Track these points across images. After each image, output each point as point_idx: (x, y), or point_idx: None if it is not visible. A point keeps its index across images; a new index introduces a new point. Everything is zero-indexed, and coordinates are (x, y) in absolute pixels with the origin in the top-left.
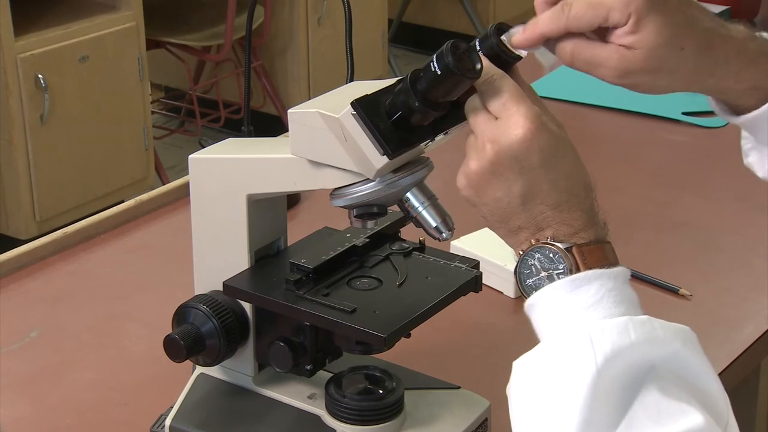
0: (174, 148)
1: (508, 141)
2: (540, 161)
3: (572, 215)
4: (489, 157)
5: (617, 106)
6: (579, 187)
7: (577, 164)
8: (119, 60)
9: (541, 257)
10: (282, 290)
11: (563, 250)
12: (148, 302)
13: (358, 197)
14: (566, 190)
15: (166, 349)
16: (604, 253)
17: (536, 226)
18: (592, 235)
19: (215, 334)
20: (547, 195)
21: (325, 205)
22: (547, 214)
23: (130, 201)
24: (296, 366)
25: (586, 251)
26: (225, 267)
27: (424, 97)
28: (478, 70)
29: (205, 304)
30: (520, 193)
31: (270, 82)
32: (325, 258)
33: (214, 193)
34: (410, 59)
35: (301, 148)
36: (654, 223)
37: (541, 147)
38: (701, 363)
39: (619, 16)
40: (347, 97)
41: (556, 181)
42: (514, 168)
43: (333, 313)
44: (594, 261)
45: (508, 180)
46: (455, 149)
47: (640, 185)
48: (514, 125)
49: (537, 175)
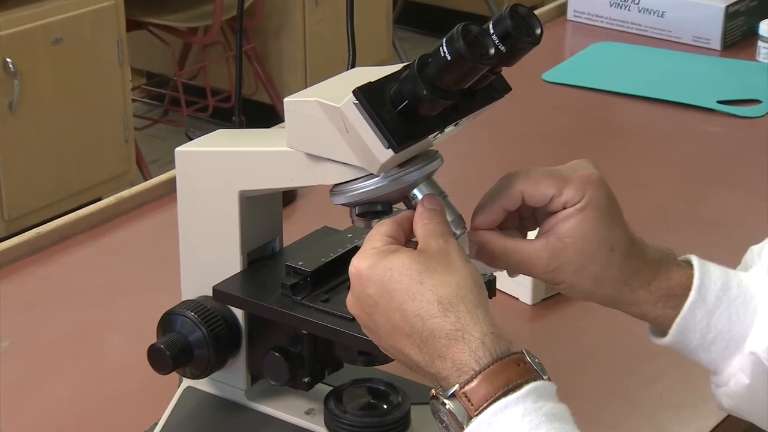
0: (157, 140)
1: (352, 284)
2: (377, 293)
3: (440, 344)
4: (351, 311)
5: (645, 94)
6: (431, 305)
7: (427, 278)
8: (96, 42)
9: (441, 409)
10: (277, 295)
11: (446, 401)
12: (131, 309)
13: (361, 194)
14: (416, 314)
15: (150, 359)
16: (496, 379)
17: (419, 366)
18: (475, 362)
19: (204, 343)
20: (403, 327)
21: (325, 202)
22: (413, 350)
23: (109, 198)
24: (293, 378)
25: (470, 392)
26: (215, 270)
27: (432, 85)
28: (492, 56)
29: (192, 311)
30: (384, 333)
31: (263, 68)
32: (324, 260)
33: (202, 190)
34: (417, 42)
35: (299, 140)
36: (685, 221)
37: (375, 279)
38: None
39: (573, 193)
40: (349, 85)
41: (401, 308)
42: (363, 309)
43: (333, 320)
44: (482, 397)
45: (367, 325)
46: (467, 141)
47: (669, 180)
48: (350, 269)
49: (382, 309)
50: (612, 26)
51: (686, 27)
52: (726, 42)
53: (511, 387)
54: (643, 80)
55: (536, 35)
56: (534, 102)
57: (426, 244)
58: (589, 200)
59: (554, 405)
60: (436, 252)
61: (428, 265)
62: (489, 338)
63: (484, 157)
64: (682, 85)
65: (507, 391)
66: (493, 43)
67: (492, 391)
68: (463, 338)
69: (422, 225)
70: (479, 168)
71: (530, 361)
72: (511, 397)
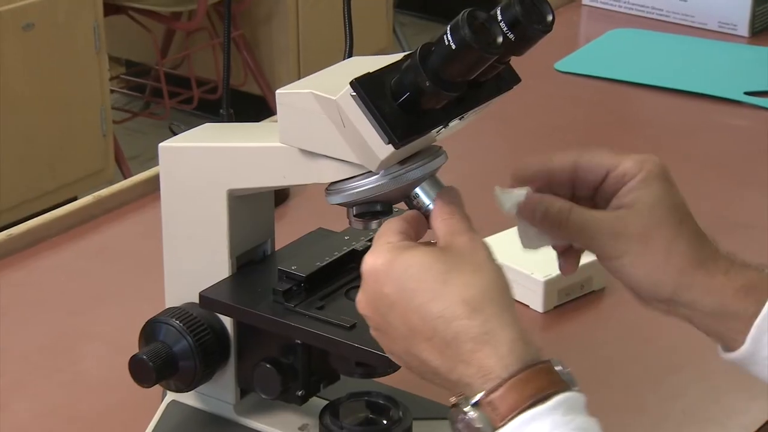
0: (137, 135)
1: (365, 283)
2: (395, 292)
3: (465, 348)
4: (361, 311)
5: (666, 84)
6: (457, 306)
7: (452, 278)
8: (71, 28)
9: (462, 419)
10: (269, 302)
11: (468, 410)
12: (110, 317)
13: (359, 193)
14: (439, 315)
15: (132, 372)
16: (525, 388)
17: (437, 373)
18: (502, 369)
19: (190, 354)
20: (423, 329)
21: (320, 202)
22: (432, 355)
23: (86, 197)
24: (285, 392)
25: (497, 401)
26: (201, 275)
27: (436, 76)
28: (500, 45)
29: (177, 319)
30: (399, 336)
31: (252, 56)
32: (319, 264)
33: (188, 188)
34: (420, 29)
35: (292, 135)
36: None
37: (393, 276)
38: None
39: (631, 165)
40: (346, 76)
41: (422, 309)
42: (376, 310)
43: (329, 329)
44: (509, 407)
45: (379, 327)
46: (473, 137)
47: (692, 179)
48: (363, 267)
49: (399, 309)
50: (630, 11)
51: (711, 12)
52: (754, 28)
53: (540, 397)
54: (664, 70)
55: (548, 22)
56: (546, 93)
57: (449, 241)
58: (649, 172)
59: (585, 419)
60: (461, 250)
61: (453, 264)
62: (518, 344)
63: (491, 153)
64: (707, 74)
65: (535, 402)
66: (501, 30)
67: (520, 400)
68: (490, 342)
69: (443, 221)
70: (486, 165)
71: (560, 371)
72: (540, 409)
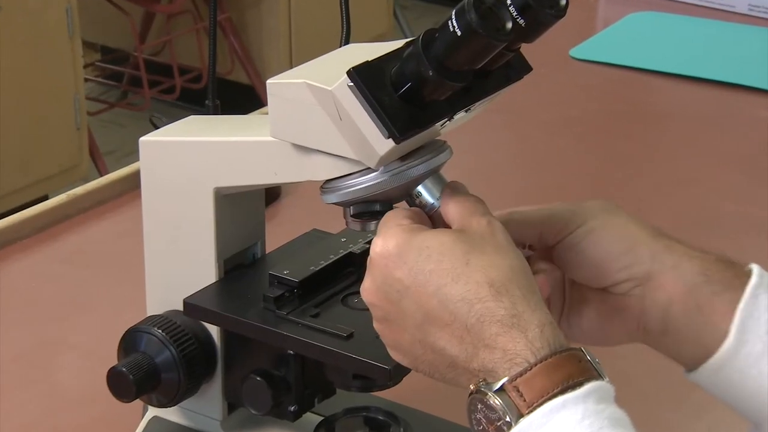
0: (114, 127)
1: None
2: (409, 275)
3: (489, 332)
4: (368, 299)
5: (691, 73)
6: (481, 287)
7: (475, 259)
8: (42, 12)
9: (482, 407)
10: (259, 310)
11: (495, 393)
12: (86, 326)
13: (357, 191)
14: (461, 298)
15: (111, 385)
16: (555, 374)
17: (455, 363)
18: (531, 353)
19: (173, 365)
20: (442, 314)
21: (314, 201)
22: (451, 342)
23: (60, 196)
24: (277, 407)
25: (522, 385)
26: (186, 280)
27: (440, 65)
28: (509, 31)
29: (160, 328)
30: (412, 324)
31: (240, 42)
32: (313, 269)
33: (171, 186)
34: (422, 12)
35: (284, 129)
36: (735, 224)
37: (408, 259)
38: None
39: None
40: (342, 64)
41: (441, 292)
42: (386, 296)
43: (324, 338)
44: (537, 392)
45: (389, 317)
46: (480, 130)
47: (717, 175)
48: (372, 251)
49: (414, 294)
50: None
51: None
52: None
53: (571, 384)
54: (688, 57)
55: (560, 6)
56: (559, 83)
57: (466, 223)
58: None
59: (615, 410)
60: (480, 231)
61: (474, 245)
62: (548, 328)
63: (500, 148)
64: (734, 62)
65: (566, 388)
66: (511, 15)
67: (549, 385)
68: (518, 325)
69: (458, 203)
70: (494, 161)
71: (590, 359)
72: (570, 396)
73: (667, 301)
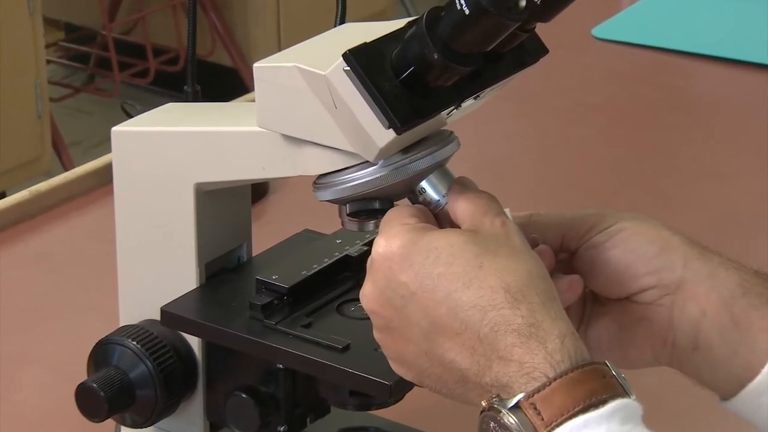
0: (81, 115)
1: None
2: (416, 279)
3: (504, 342)
4: (368, 306)
5: (728, 55)
6: (495, 293)
7: (489, 262)
8: None
9: (495, 426)
10: (245, 319)
11: (509, 410)
12: (52, 337)
13: (354, 188)
14: (473, 305)
15: (80, 403)
16: (576, 390)
17: (465, 377)
18: (550, 367)
19: (149, 381)
20: (451, 322)
21: (306, 198)
22: (461, 354)
23: (21, 192)
24: (265, 427)
25: (540, 402)
26: (163, 286)
27: (446, 47)
28: (522, 9)
29: (134, 340)
30: (418, 334)
31: (222, 20)
32: (305, 273)
33: (147, 182)
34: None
35: (272, 118)
36: None
37: (414, 261)
38: None
39: None
40: (338, 46)
41: (451, 298)
42: (390, 303)
43: (317, 351)
44: (557, 410)
45: (392, 325)
46: (491, 119)
47: (757, 170)
48: (373, 253)
49: (421, 300)
50: None
51: None
52: None
53: (593, 402)
54: (725, 37)
55: None
56: (580, 66)
57: (478, 223)
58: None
59: (643, 431)
60: (494, 232)
61: (487, 247)
62: (569, 340)
63: (512, 139)
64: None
65: (588, 406)
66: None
67: (570, 403)
68: (537, 336)
69: (468, 200)
70: (506, 154)
71: (615, 375)
72: (593, 414)
73: (699, 314)
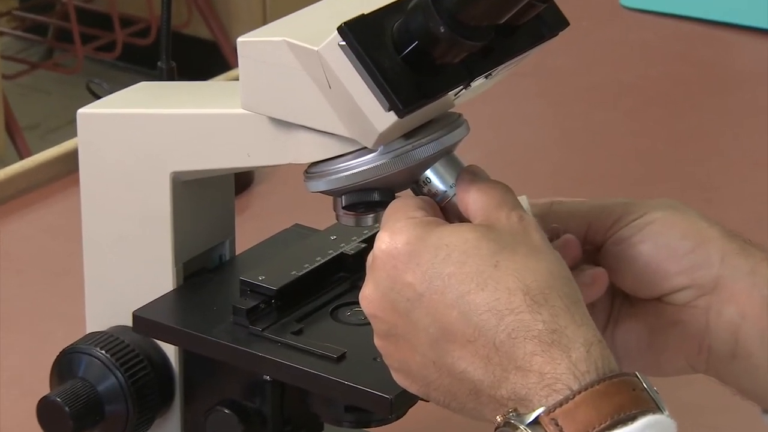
0: (38, 95)
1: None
2: (423, 280)
3: (523, 350)
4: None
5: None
6: (513, 295)
7: (505, 261)
8: None
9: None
10: (227, 325)
11: (528, 426)
12: (11, 346)
13: (350, 177)
14: (488, 308)
15: (42, 419)
16: (603, 404)
17: (478, 389)
18: (574, 378)
19: (120, 395)
20: (463, 328)
21: (296, 189)
22: (474, 363)
23: None
24: None
25: (562, 417)
26: (135, 288)
27: (453, 19)
28: None
29: (103, 348)
30: (425, 341)
31: None
32: (295, 274)
33: (117, 171)
34: None
35: (258, 99)
36: None
37: (421, 260)
38: None
39: None
40: (332, 18)
41: (464, 301)
42: (394, 306)
43: (308, 360)
44: (581, 426)
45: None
46: (504, 100)
47: None
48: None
49: (429, 303)
50: None
51: None
52: None
53: (623, 418)
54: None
55: None
56: (607, 40)
57: (493, 217)
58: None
59: None
60: (511, 228)
61: (504, 244)
62: (596, 347)
63: (529, 123)
64: None
65: (616, 422)
66: None
67: (596, 418)
68: (560, 343)
69: (481, 192)
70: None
71: (646, 388)
72: (623, 431)
73: (738, 317)
